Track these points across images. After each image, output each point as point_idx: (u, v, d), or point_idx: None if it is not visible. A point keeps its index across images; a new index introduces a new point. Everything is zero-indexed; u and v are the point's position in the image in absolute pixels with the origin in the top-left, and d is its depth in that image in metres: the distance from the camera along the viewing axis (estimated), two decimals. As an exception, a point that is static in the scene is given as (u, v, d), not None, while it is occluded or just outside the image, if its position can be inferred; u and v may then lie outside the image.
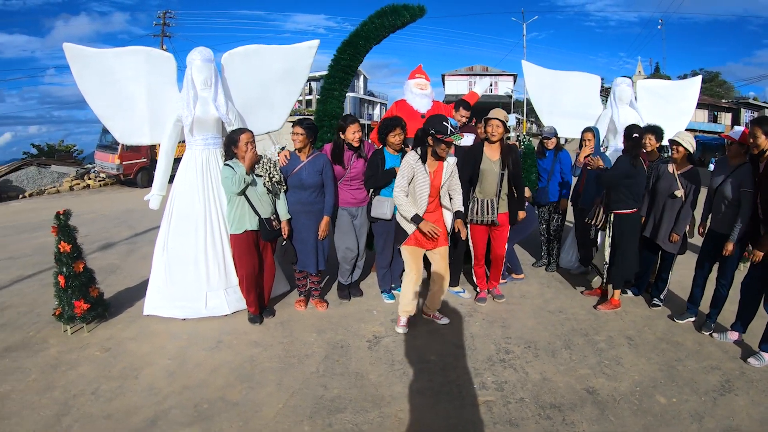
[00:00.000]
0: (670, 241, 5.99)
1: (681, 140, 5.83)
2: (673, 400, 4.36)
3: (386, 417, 4.07)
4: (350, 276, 6.50)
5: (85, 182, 22.42)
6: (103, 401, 4.33)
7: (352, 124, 5.98)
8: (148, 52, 6.05)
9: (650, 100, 8.13)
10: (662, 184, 6.01)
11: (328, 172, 5.86)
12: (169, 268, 5.95)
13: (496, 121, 5.85)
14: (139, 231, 11.54)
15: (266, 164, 5.55)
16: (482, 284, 6.61)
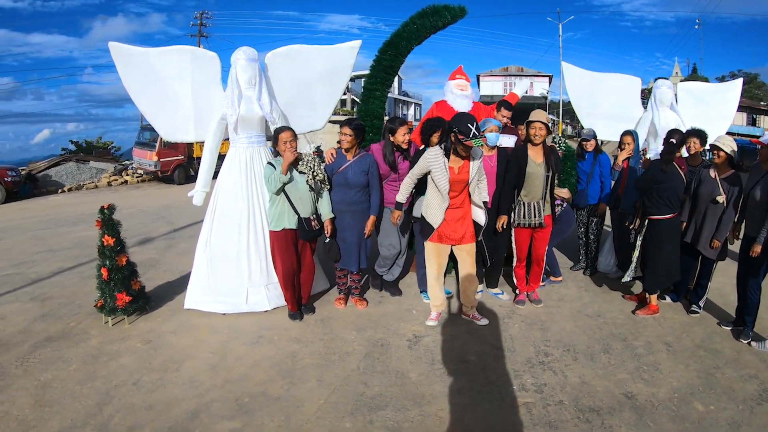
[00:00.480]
0: (711, 247, 5.91)
1: (722, 145, 5.74)
2: (711, 407, 4.31)
3: (427, 416, 4.10)
4: (389, 270, 6.54)
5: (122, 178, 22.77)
6: (145, 392, 4.41)
7: (402, 127, 6.00)
8: (192, 51, 6.15)
9: (691, 102, 8.07)
10: (704, 189, 5.93)
11: (375, 173, 5.89)
12: (212, 264, 6.04)
13: (539, 123, 5.84)
14: (178, 227, 11.68)
15: (310, 162, 5.56)
16: (522, 286, 6.60)
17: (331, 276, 6.76)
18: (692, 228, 6.09)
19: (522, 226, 6.14)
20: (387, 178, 6.12)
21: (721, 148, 5.74)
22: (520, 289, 6.61)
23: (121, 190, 20.82)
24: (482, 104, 7.34)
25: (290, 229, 5.65)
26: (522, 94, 8.14)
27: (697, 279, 6.35)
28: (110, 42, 5.85)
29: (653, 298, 6.20)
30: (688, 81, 12.15)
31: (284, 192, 5.53)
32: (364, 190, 5.87)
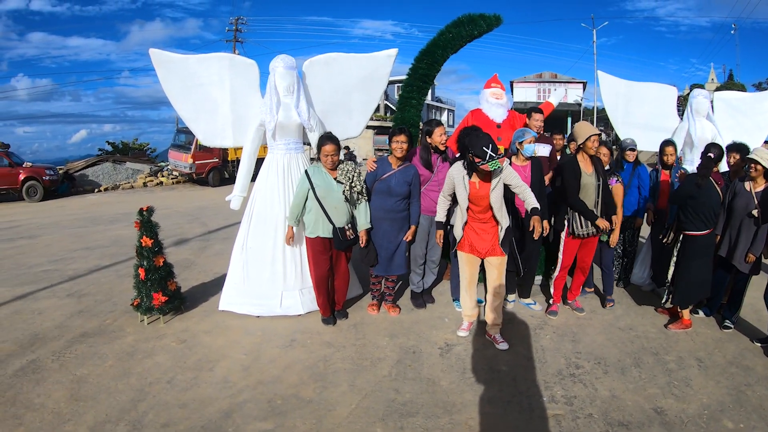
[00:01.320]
0: (746, 262, 5.84)
1: (760, 158, 5.66)
2: (741, 425, 4.26)
3: (456, 424, 4.12)
4: (421, 281, 6.55)
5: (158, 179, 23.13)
6: (179, 390, 4.51)
7: (438, 127, 6.03)
8: (231, 58, 6.25)
9: (727, 112, 7.99)
10: (739, 202, 5.85)
11: (417, 184, 5.97)
12: (247, 267, 6.14)
13: (595, 135, 5.90)
14: (212, 228, 11.83)
15: (349, 172, 5.59)
16: (558, 297, 6.58)
17: (365, 281, 6.81)
18: (726, 241, 6.01)
19: (576, 237, 6.12)
20: (427, 183, 6.13)
21: (759, 161, 5.67)
22: (554, 300, 6.58)
23: (156, 190, 21.14)
24: (517, 112, 7.33)
25: (325, 237, 5.72)
26: (557, 102, 8.13)
27: (732, 294, 6.26)
28: (151, 49, 5.99)
29: (685, 312, 6.15)
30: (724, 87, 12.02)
31: (318, 201, 5.58)
32: (405, 200, 5.91)
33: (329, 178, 5.60)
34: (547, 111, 7.48)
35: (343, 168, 5.60)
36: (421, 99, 7.33)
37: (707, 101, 7.60)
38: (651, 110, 7.98)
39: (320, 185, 5.57)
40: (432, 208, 6.00)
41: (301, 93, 6.08)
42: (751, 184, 5.79)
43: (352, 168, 5.63)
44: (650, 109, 7.98)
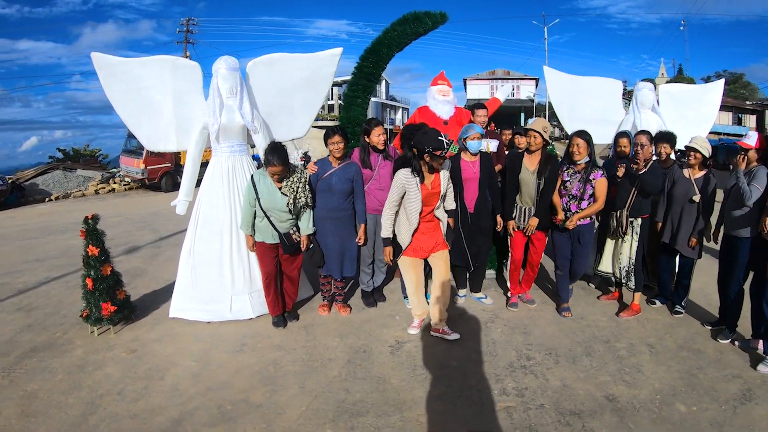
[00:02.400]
0: (689, 246, 5.99)
1: (698, 147, 5.84)
2: (693, 408, 4.34)
3: (407, 421, 4.12)
4: (371, 280, 6.55)
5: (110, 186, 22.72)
6: (129, 401, 4.43)
7: (377, 127, 6.02)
8: (173, 60, 6.14)
9: (672, 104, 8.08)
10: (679, 189, 6.01)
11: (359, 181, 5.94)
12: (195, 272, 6.06)
13: (534, 132, 5.88)
14: (164, 235, 11.68)
15: (294, 183, 5.54)
16: (515, 290, 6.65)
17: (316, 282, 6.77)
18: (669, 228, 6.17)
19: (518, 229, 6.21)
20: (369, 182, 6.11)
21: (698, 150, 5.82)
22: (512, 292, 6.65)
23: (108, 198, 20.80)
24: (464, 109, 7.36)
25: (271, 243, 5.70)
26: (504, 98, 8.18)
27: (678, 279, 6.41)
28: (93, 52, 5.86)
29: (637, 296, 6.32)
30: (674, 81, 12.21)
31: (263, 210, 5.55)
32: (348, 198, 5.88)
33: (274, 188, 5.53)
34: (493, 107, 7.54)
35: (288, 180, 5.54)
36: (366, 98, 7.32)
37: (652, 94, 7.70)
38: (597, 104, 8.04)
39: (265, 196, 5.51)
40: (376, 207, 6.03)
41: (245, 94, 6.02)
42: (690, 172, 5.95)
43: (297, 179, 5.56)
44: (596, 103, 8.04)
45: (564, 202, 5.96)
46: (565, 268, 6.28)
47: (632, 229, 6.10)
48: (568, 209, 5.90)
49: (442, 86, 7.18)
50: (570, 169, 5.97)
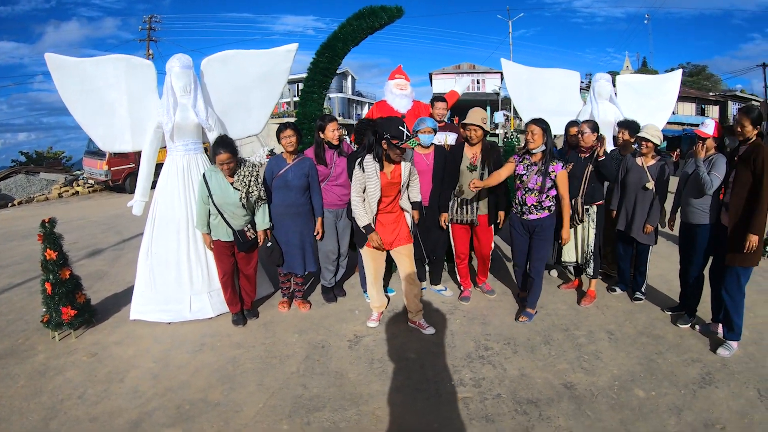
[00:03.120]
0: (644, 233, 6.07)
1: (649, 136, 5.93)
2: (652, 393, 4.39)
3: (363, 415, 4.13)
4: (333, 278, 6.54)
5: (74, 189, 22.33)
6: (89, 405, 4.39)
7: (331, 123, 6.02)
8: (127, 59, 6.07)
9: (630, 95, 8.16)
10: (632, 177, 6.11)
11: (314, 175, 5.93)
12: (153, 273, 6.01)
13: (474, 126, 5.89)
14: (127, 237, 11.55)
15: (245, 178, 5.51)
16: (465, 283, 6.66)
17: (275, 279, 6.77)
18: (624, 216, 6.25)
19: (456, 222, 6.22)
20: (326, 179, 6.11)
21: (650, 139, 5.91)
22: (464, 286, 6.68)
23: (72, 201, 20.48)
24: (423, 103, 7.37)
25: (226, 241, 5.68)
26: (462, 91, 8.20)
27: (636, 266, 6.49)
28: (46, 53, 5.80)
29: (593, 283, 6.42)
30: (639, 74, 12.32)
31: (216, 207, 5.52)
32: (305, 193, 5.87)
33: (226, 183, 5.50)
34: (452, 99, 7.55)
35: (239, 174, 5.50)
36: (322, 93, 7.31)
37: (609, 85, 7.78)
38: (554, 95, 8.11)
39: (217, 192, 5.47)
40: (335, 202, 6.06)
41: (199, 92, 5.97)
42: (642, 160, 6.04)
43: (248, 173, 5.54)
44: (553, 94, 8.11)
45: (519, 195, 5.77)
46: (523, 264, 6.14)
47: (588, 217, 6.18)
48: (523, 203, 5.74)
49: (400, 80, 7.19)
50: (525, 160, 5.74)
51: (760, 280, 7.29)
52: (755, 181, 4.73)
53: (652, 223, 5.99)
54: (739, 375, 4.68)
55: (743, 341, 5.22)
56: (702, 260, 5.53)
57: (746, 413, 4.11)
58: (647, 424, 3.99)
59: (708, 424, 3.98)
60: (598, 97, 7.66)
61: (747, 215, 4.78)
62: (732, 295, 5.03)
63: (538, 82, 8.20)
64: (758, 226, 4.70)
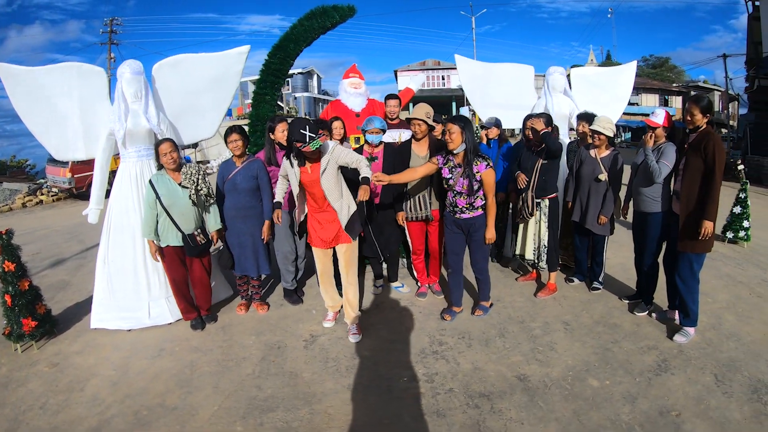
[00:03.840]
0: (598, 224, 6.14)
1: (602, 129, 5.99)
2: (606, 382, 4.46)
3: (316, 413, 4.17)
4: (294, 280, 6.53)
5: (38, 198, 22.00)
6: (50, 414, 4.40)
7: (281, 124, 6.01)
8: (78, 67, 6.03)
9: (585, 87, 8.24)
10: (586, 169, 6.19)
11: (264, 177, 5.91)
12: (111, 281, 5.98)
13: (417, 120, 5.90)
14: (90, 245, 11.43)
15: (193, 175, 5.52)
16: (422, 279, 6.69)
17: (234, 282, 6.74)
18: (578, 207, 6.33)
19: (411, 220, 6.21)
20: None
21: (602, 132, 5.97)
22: (420, 282, 6.71)
23: (36, 210, 20.18)
24: (377, 101, 7.41)
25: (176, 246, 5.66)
26: (417, 88, 8.28)
27: (592, 256, 6.58)
28: None
29: (553, 275, 6.48)
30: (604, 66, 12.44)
31: (165, 210, 5.50)
32: (255, 195, 5.87)
33: (174, 184, 5.50)
34: (407, 97, 7.62)
35: (186, 171, 5.52)
36: (274, 95, 7.31)
37: (563, 77, 7.85)
38: (508, 90, 8.17)
39: (165, 193, 5.46)
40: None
41: (150, 98, 5.94)
42: (596, 152, 6.11)
43: (195, 171, 5.55)
44: (507, 89, 8.17)
45: (450, 197, 5.61)
46: (457, 268, 5.95)
47: (540, 210, 6.22)
48: (454, 204, 5.57)
49: (354, 79, 7.24)
50: (449, 162, 5.53)
51: (719, 265, 7.47)
52: (707, 169, 4.80)
53: (606, 214, 6.07)
54: (696, 361, 4.76)
55: (701, 327, 5.34)
56: (655, 248, 5.62)
57: (702, 399, 4.18)
58: (600, 414, 4.05)
59: (663, 411, 4.05)
60: (552, 90, 7.72)
61: (700, 203, 4.86)
62: (686, 281, 5.11)
63: (492, 77, 8.24)
64: (712, 213, 4.78)
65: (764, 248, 8.63)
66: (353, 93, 7.15)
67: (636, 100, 48.24)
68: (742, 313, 5.84)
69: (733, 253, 8.30)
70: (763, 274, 7.21)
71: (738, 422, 3.91)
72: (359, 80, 7.27)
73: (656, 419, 3.96)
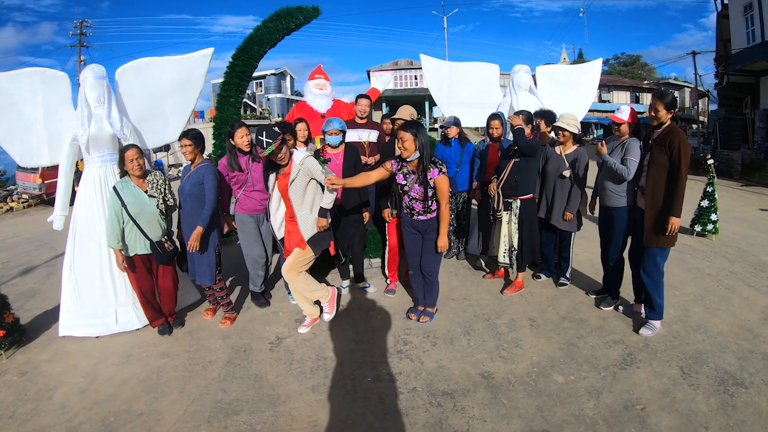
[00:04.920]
0: (564, 220, 6.23)
1: (566, 125, 6.08)
2: (571, 377, 4.51)
3: (280, 415, 4.20)
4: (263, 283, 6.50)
5: (8, 205, 21.77)
6: (19, 423, 4.39)
7: (240, 129, 5.96)
8: (42, 72, 6.01)
9: (551, 85, 8.35)
10: (551, 166, 6.25)
11: (209, 182, 5.60)
12: (78, 288, 5.95)
13: (401, 120, 5.96)
14: (60, 252, 11.28)
15: (160, 185, 5.53)
16: (393, 276, 6.75)
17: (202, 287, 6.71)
18: (544, 203, 6.40)
19: (393, 217, 6.27)
20: (244, 185, 6.07)
21: (566, 128, 6.05)
22: (390, 279, 6.77)
23: (6, 217, 19.95)
24: (343, 102, 7.45)
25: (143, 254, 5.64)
26: (383, 88, 8.34)
27: (559, 252, 6.66)
28: None
29: (521, 274, 6.50)
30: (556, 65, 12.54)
31: (132, 218, 5.47)
32: (200, 201, 5.65)
33: (140, 192, 5.49)
34: (373, 97, 7.64)
35: (152, 180, 5.51)
36: (239, 97, 7.34)
37: (528, 76, 7.94)
38: (474, 88, 8.26)
39: (132, 202, 5.43)
40: (255, 207, 6.06)
41: (113, 103, 5.93)
42: (561, 148, 6.18)
43: (162, 180, 5.56)
44: (473, 88, 8.26)
45: (406, 200, 5.55)
46: (416, 266, 5.87)
47: (511, 211, 6.18)
48: (411, 207, 5.52)
49: (319, 80, 7.30)
50: (404, 168, 5.43)
51: (688, 258, 7.58)
52: (672, 165, 4.88)
53: (571, 210, 6.15)
54: (662, 354, 4.83)
55: (668, 319, 5.43)
56: (621, 242, 5.70)
57: (668, 391, 4.25)
58: (564, 409, 4.10)
59: (628, 405, 4.11)
60: (518, 88, 7.81)
61: (667, 199, 4.93)
62: (651, 275, 5.18)
63: (457, 76, 8.33)
64: (678, 208, 4.85)
65: (733, 241, 8.78)
66: (318, 94, 7.20)
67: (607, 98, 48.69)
68: (710, 305, 5.94)
69: (702, 246, 8.43)
70: (731, 266, 7.33)
71: (704, 414, 3.97)
72: (325, 81, 7.33)
73: (621, 413, 4.01)
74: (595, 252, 6.86)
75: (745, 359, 4.69)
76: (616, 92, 49.98)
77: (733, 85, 23.20)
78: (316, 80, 7.35)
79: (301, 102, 7.51)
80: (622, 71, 61.63)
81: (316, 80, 7.36)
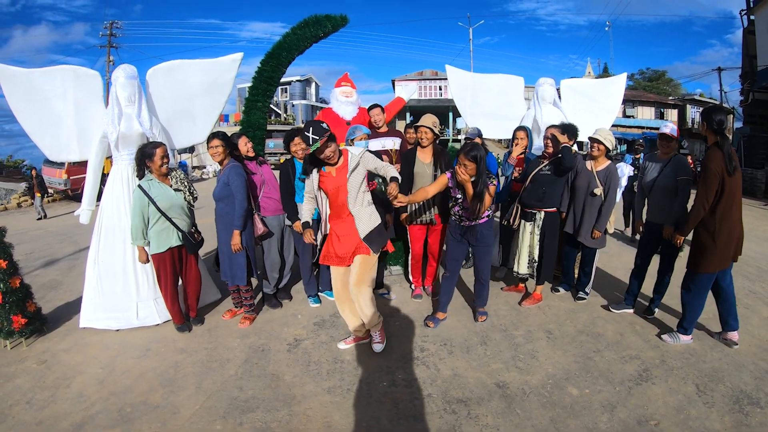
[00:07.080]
0: (591, 238, 6.18)
1: (603, 138, 6.05)
2: (586, 390, 4.48)
3: (294, 415, 4.23)
4: (276, 286, 6.60)
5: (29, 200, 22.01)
6: (36, 409, 4.46)
7: (240, 138, 6.14)
8: (74, 70, 6.12)
9: (575, 98, 8.31)
10: (581, 181, 6.19)
11: (234, 182, 5.67)
12: (101, 281, 6.06)
13: (425, 128, 6.00)
14: (83, 246, 11.49)
15: (184, 180, 5.68)
16: (417, 282, 6.82)
17: (221, 285, 6.89)
18: (571, 219, 6.35)
19: (415, 224, 6.34)
20: (261, 187, 6.20)
21: (602, 141, 6.03)
22: (415, 285, 6.84)
23: (30, 210, 20.16)
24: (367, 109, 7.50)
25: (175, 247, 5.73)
26: (408, 98, 8.36)
27: (581, 267, 6.61)
28: None
29: (539, 287, 6.49)
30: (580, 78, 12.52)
31: (162, 212, 5.54)
32: (228, 203, 5.79)
33: (166, 187, 5.59)
34: (398, 106, 7.71)
35: (174, 176, 5.65)
36: (266, 102, 7.37)
37: (553, 89, 7.92)
38: (497, 100, 8.25)
39: (160, 197, 5.52)
40: (275, 207, 6.16)
41: (143, 102, 6.04)
42: (592, 164, 6.14)
43: (183, 176, 5.70)
44: (497, 99, 8.26)
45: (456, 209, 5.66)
46: (454, 270, 5.92)
47: (534, 223, 6.19)
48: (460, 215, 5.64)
49: (346, 87, 7.32)
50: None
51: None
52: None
53: (600, 229, 6.10)
54: (678, 371, 4.79)
55: (685, 337, 5.37)
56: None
57: (683, 408, 4.21)
58: (578, 422, 4.07)
59: (642, 420, 4.07)
60: (542, 101, 7.78)
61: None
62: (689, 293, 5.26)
63: (481, 87, 8.34)
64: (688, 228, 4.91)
65: (754, 260, 8.70)
66: (344, 101, 7.23)
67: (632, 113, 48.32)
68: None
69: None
70: (752, 286, 7.28)
71: (719, 432, 3.94)
72: (351, 89, 7.35)
73: (634, 428, 3.98)
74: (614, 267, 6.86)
75: (761, 379, 4.65)
76: (641, 107, 49.47)
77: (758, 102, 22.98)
78: (343, 87, 7.38)
79: (326, 109, 7.57)
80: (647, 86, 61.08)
81: (342, 87, 7.39)
